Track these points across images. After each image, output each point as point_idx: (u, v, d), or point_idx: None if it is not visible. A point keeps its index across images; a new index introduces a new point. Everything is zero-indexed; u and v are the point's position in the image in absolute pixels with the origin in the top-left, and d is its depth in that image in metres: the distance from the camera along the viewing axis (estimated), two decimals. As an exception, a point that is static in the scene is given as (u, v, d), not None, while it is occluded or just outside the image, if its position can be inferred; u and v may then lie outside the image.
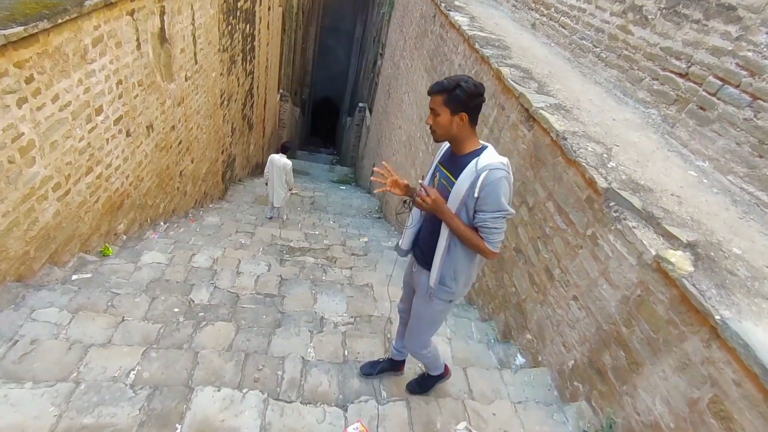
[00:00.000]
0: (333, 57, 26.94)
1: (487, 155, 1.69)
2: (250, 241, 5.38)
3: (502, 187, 1.65)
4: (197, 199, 7.04)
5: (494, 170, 1.64)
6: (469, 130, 1.72)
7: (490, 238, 1.72)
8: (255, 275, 3.87)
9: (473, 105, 1.67)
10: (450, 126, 1.71)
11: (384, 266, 4.96)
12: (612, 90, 4.15)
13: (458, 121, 1.68)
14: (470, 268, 1.91)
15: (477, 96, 1.67)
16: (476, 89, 1.66)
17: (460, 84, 1.65)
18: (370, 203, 10.51)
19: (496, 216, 1.68)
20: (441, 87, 1.69)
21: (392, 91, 10.81)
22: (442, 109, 1.70)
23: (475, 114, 1.72)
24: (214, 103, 7.26)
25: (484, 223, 1.70)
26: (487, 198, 1.66)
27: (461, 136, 1.73)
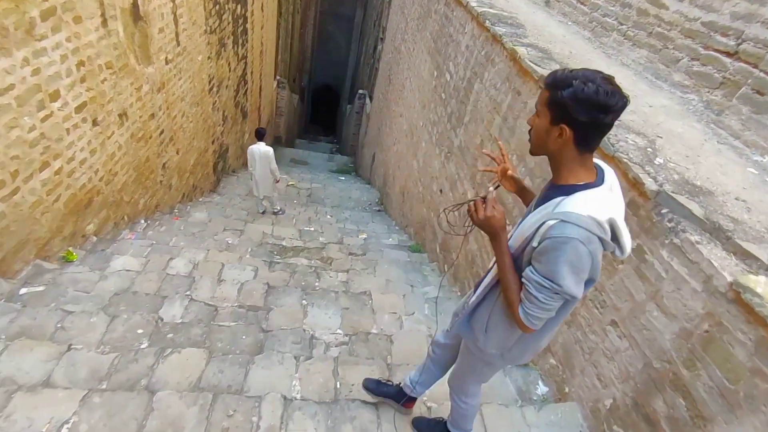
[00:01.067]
0: (333, 43, 26.29)
1: (579, 200, 1.18)
2: (238, 240, 4.93)
3: (567, 254, 1.15)
4: (185, 192, 6.59)
5: (567, 226, 1.14)
6: (572, 154, 1.20)
7: (526, 305, 1.28)
8: (239, 283, 3.44)
9: (585, 120, 1.13)
10: (545, 137, 1.22)
11: (384, 268, 4.52)
12: (642, 72, 3.66)
13: (556, 134, 1.18)
14: (509, 329, 1.45)
15: (594, 108, 1.11)
16: (597, 98, 1.09)
17: (572, 82, 1.12)
18: (370, 195, 10.05)
19: (543, 284, 1.21)
20: (550, 79, 1.20)
21: (393, 77, 10.27)
22: (543, 111, 1.21)
23: (586, 134, 1.17)
24: (201, 90, 6.76)
25: (527, 283, 1.26)
26: (542, 256, 1.20)
27: (559, 158, 1.24)
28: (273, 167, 6.16)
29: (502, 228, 1.34)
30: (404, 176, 7.35)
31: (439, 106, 5.75)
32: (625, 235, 1.22)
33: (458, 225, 1.62)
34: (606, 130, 1.17)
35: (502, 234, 1.34)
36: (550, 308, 1.24)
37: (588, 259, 1.16)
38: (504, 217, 1.35)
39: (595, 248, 1.16)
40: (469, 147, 4.38)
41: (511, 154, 3.42)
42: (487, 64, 4.22)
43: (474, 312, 1.53)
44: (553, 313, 1.27)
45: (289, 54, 18.62)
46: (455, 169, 4.74)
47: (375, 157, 11.29)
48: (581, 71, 1.14)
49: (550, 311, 1.26)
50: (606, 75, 1.12)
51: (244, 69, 9.83)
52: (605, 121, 1.13)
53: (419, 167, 6.39)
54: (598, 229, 1.15)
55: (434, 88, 6.13)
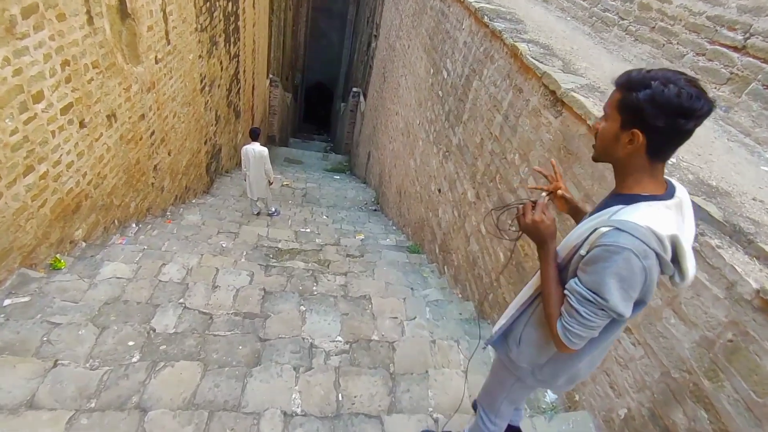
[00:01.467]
0: (326, 40, 26.12)
1: (640, 210, 1.07)
2: (233, 243, 4.81)
3: (617, 266, 1.03)
4: (177, 194, 6.44)
5: (622, 234, 1.03)
6: (641, 162, 1.09)
7: (566, 319, 1.15)
8: (234, 289, 3.32)
9: (663, 126, 1.01)
10: (612, 143, 1.11)
11: (383, 271, 4.42)
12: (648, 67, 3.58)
13: (626, 140, 1.08)
14: (542, 345, 1.36)
15: (676, 113, 0.99)
16: (679, 102, 0.98)
17: (650, 84, 1.01)
18: (366, 194, 9.94)
19: (587, 297, 1.09)
20: (624, 79, 1.09)
21: (388, 75, 10.16)
22: (613, 114, 1.11)
23: (662, 141, 1.05)
24: (193, 89, 6.61)
25: (570, 295, 1.14)
26: (589, 267, 1.09)
27: (626, 166, 1.12)
28: (267, 168, 6.04)
29: (551, 236, 1.24)
30: (401, 175, 7.25)
31: (436, 104, 5.65)
32: (689, 260, 1.09)
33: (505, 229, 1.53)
34: (685, 137, 1.04)
35: (550, 242, 1.23)
36: (593, 326, 1.12)
37: (641, 276, 1.03)
38: (554, 224, 1.25)
39: (651, 265, 1.02)
40: (469, 146, 4.29)
41: (513, 153, 3.33)
42: (486, 60, 4.13)
43: (508, 322, 1.45)
44: (595, 333, 1.14)
45: (282, 52, 18.45)
46: (454, 169, 4.64)
47: (370, 156, 11.18)
48: (661, 71, 1.03)
49: (591, 329, 1.13)
50: (690, 77, 1.01)
51: (236, 68, 9.68)
52: (686, 128, 1.01)
53: (416, 166, 6.30)
54: (656, 244, 1.02)
55: (431, 86, 6.03)
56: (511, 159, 3.35)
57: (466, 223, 4.13)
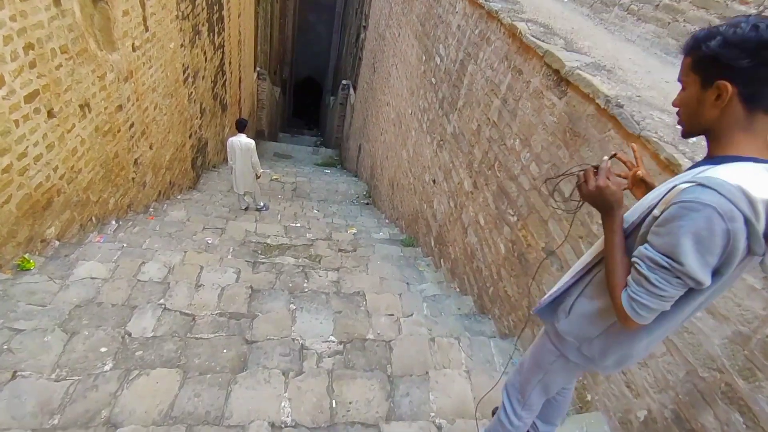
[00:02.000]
0: (314, 33, 25.76)
1: (732, 168, 0.92)
2: (219, 239, 4.58)
3: (696, 225, 0.88)
4: (161, 190, 6.19)
5: (705, 191, 0.88)
6: (736, 116, 0.94)
7: (633, 288, 1.01)
8: (219, 288, 3.11)
9: (751, 65, 0.89)
10: (697, 108, 0.98)
11: (376, 265, 4.23)
12: (650, 48, 3.42)
13: (713, 97, 0.94)
14: (594, 317, 1.23)
15: (759, 47, 0.87)
16: (759, 33, 0.87)
17: (719, 30, 0.92)
18: (357, 188, 9.73)
19: (658, 261, 0.95)
20: (690, 41, 0.98)
21: (378, 65, 9.93)
22: (690, 79, 0.99)
23: (756, 83, 0.91)
24: (175, 80, 6.34)
25: (638, 261, 1.00)
26: (662, 228, 0.95)
27: (719, 127, 0.97)
28: (254, 161, 5.80)
29: (618, 202, 1.10)
30: (393, 167, 7.05)
31: (429, 91, 5.45)
32: None
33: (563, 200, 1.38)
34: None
35: (617, 209, 1.10)
36: (665, 295, 0.97)
37: (722, 239, 0.88)
38: (621, 189, 1.12)
39: (737, 229, 0.87)
40: (465, 133, 4.10)
41: (513, 138, 3.15)
42: (481, 43, 3.93)
43: (560, 291, 1.33)
44: (667, 305, 0.99)
45: (269, 45, 18.10)
46: (449, 158, 4.46)
47: (361, 149, 10.96)
48: (725, 24, 0.92)
49: (663, 300, 0.98)
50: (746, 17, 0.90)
51: (221, 59, 9.38)
52: None
53: (409, 157, 6.10)
54: (746, 206, 0.86)
55: (423, 74, 5.82)
56: (511, 145, 3.17)
57: (463, 214, 3.95)
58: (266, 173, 9.54)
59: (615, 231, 1.09)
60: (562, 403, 1.80)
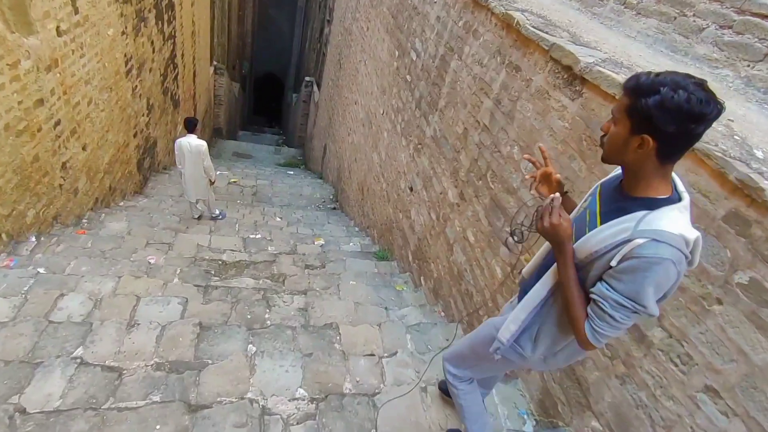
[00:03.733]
0: (276, 28, 24.91)
1: (668, 217, 1.06)
2: (165, 258, 3.93)
3: (657, 275, 1.04)
4: (98, 197, 5.41)
5: (661, 246, 1.03)
6: (652, 166, 1.08)
7: (596, 323, 1.16)
8: (159, 326, 2.51)
9: (673, 132, 1.00)
10: (622, 147, 1.10)
11: (349, 286, 3.73)
12: (653, 45, 3.08)
13: (636, 145, 1.07)
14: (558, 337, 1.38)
15: (686, 118, 0.97)
16: (689, 107, 0.95)
17: (659, 89, 0.98)
18: (324, 191, 9.17)
19: (622, 303, 1.10)
20: (632, 84, 1.05)
21: (344, 62, 9.39)
22: (622, 118, 1.09)
23: (672, 146, 1.05)
24: (115, 72, 5.57)
25: (602, 301, 1.13)
26: (625, 276, 1.08)
27: (636, 169, 1.12)
28: (207, 165, 5.14)
29: (569, 237, 1.21)
30: (363, 170, 6.55)
31: (403, 90, 4.98)
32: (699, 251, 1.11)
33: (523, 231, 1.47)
34: (695, 141, 1.05)
35: (568, 244, 1.21)
36: (624, 327, 1.15)
37: (674, 280, 1.07)
38: (570, 225, 1.23)
39: (683, 268, 1.06)
40: (448, 137, 3.66)
41: (510, 145, 2.73)
42: (467, 36, 3.50)
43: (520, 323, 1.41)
44: (623, 332, 1.19)
45: (227, 38, 17.17)
46: (429, 163, 4.01)
47: (327, 149, 10.39)
48: (669, 76, 1.01)
49: (621, 330, 1.16)
50: (698, 79, 0.99)
51: (172, 50, 8.57)
52: (696, 132, 1.01)
53: (381, 161, 5.62)
54: (687, 250, 1.06)
55: (396, 70, 5.35)
56: (508, 153, 2.75)
57: (447, 228, 3.51)
58: (224, 176, 8.81)
59: (568, 264, 1.20)
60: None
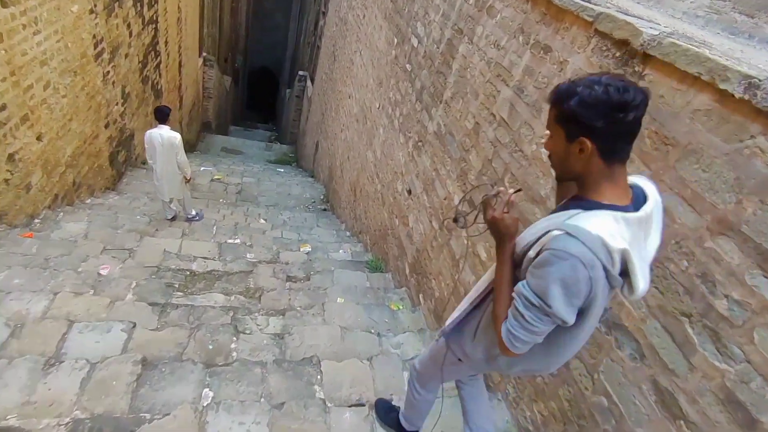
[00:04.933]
0: (270, 22, 24.31)
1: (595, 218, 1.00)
2: (121, 267, 3.36)
3: (563, 272, 0.98)
4: (58, 193, 4.82)
5: (571, 240, 0.98)
6: (598, 167, 1.02)
7: (510, 322, 1.08)
8: (88, 365, 1.96)
9: (603, 126, 0.97)
10: (565, 157, 1.05)
11: (336, 306, 3.19)
12: (707, 27, 2.57)
13: (576, 150, 1.02)
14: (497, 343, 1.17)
15: (609, 109, 0.95)
16: (608, 98, 0.94)
17: (576, 90, 0.98)
18: (314, 191, 8.61)
19: (532, 301, 1.03)
20: (554, 95, 1.04)
21: (339, 53, 8.83)
22: (555, 130, 1.06)
23: (610, 141, 1.00)
24: (81, 54, 4.98)
25: (516, 298, 1.07)
26: (537, 270, 1.03)
27: (587, 176, 1.05)
28: (181, 160, 4.57)
29: (510, 236, 1.15)
30: (356, 170, 6.01)
31: (402, 81, 4.45)
32: (641, 274, 1.02)
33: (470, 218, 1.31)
34: (633, 130, 1.00)
35: (507, 242, 1.15)
36: (537, 331, 1.06)
37: (585, 286, 0.99)
38: (516, 223, 1.16)
39: (597, 276, 0.98)
40: (455, 133, 3.13)
41: (539, 143, 2.20)
42: (479, 15, 2.97)
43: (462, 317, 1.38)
44: (539, 339, 1.09)
45: (218, 29, 16.53)
46: (431, 164, 3.48)
47: (318, 146, 9.83)
48: (584, 78, 1.00)
49: (535, 335, 1.07)
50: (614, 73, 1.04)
51: (153, 36, 7.96)
52: (627, 121, 0.96)
53: (376, 159, 5.08)
54: (604, 256, 0.98)
55: (394, 59, 4.82)
56: (533, 153, 2.22)
57: (452, 240, 2.98)
58: (207, 172, 8.23)
59: (504, 262, 1.15)
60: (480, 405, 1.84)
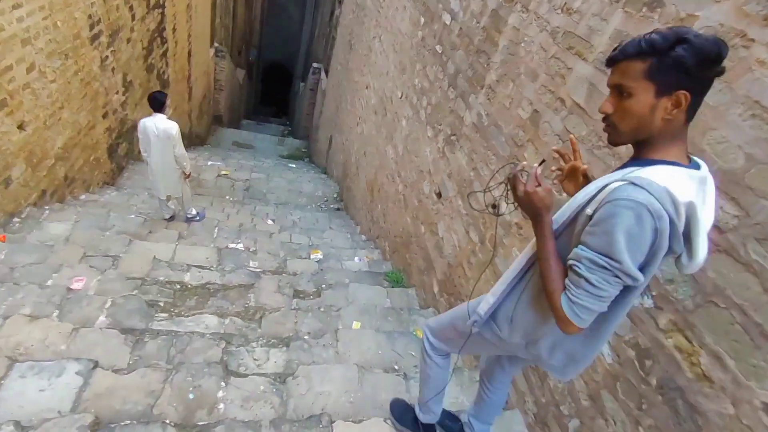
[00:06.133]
0: (285, 15, 23.86)
1: (660, 171, 0.91)
2: (99, 280, 2.84)
3: (629, 222, 0.87)
4: (46, 189, 4.35)
5: (636, 189, 0.88)
6: (676, 128, 0.93)
7: (572, 291, 0.96)
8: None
9: (707, 78, 0.88)
10: (651, 117, 0.92)
11: (352, 335, 2.62)
12: None
13: (670, 106, 0.90)
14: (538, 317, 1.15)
15: (715, 61, 0.85)
16: (717, 47, 0.84)
17: (686, 37, 0.85)
18: (326, 188, 8.06)
19: (597, 261, 0.91)
20: (646, 44, 0.89)
21: (355, 42, 8.25)
22: (641, 86, 0.90)
23: (701, 96, 0.90)
24: (74, 35, 4.50)
25: (576, 263, 0.95)
26: (598, 228, 0.92)
27: (656, 135, 0.94)
28: (179, 153, 4.05)
29: (547, 208, 1.06)
30: (373, 167, 5.44)
31: (431, 65, 3.85)
32: (703, 238, 0.93)
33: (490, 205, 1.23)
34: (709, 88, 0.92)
35: (545, 215, 1.06)
36: (604, 295, 0.94)
37: (651, 237, 0.88)
38: (551, 194, 1.06)
39: (663, 228, 0.87)
40: (502, 124, 2.54)
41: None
42: (537, -24, 2.36)
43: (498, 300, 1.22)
44: (605, 304, 0.96)
45: (232, 20, 16.08)
46: (468, 162, 2.89)
47: (332, 141, 9.28)
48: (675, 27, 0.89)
49: (603, 299, 0.95)
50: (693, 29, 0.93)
51: (160, 22, 7.48)
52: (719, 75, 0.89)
53: (397, 156, 4.50)
54: (671, 207, 0.88)
55: (421, 41, 4.22)
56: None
57: (499, 259, 2.39)
58: (215, 167, 7.73)
59: (545, 236, 1.06)
60: (496, 402, 1.70)
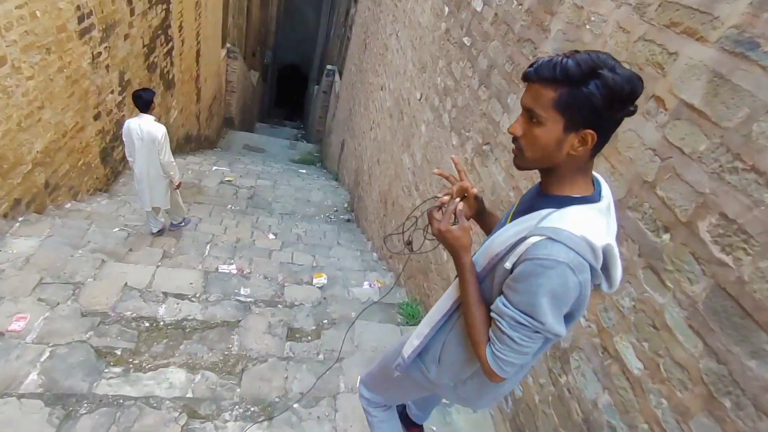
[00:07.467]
0: (300, 16, 23.62)
1: (573, 216, 0.89)
2: (47, 317, 2.31)
3: (552, 283, 0.85)
4: (22, 197, 3.88)
5: (556, 246, 0.84)
6: (581, 162, 0.90)
7: (497, 347, 0.94)
8: None
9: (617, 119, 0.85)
10: (556, 149, 0.88)
11: (356, 398, 2.05)
12: None
13: (577, 143, 0.87)
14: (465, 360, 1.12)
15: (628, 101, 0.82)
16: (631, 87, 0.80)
17: (600, 73, 0.80)
18: (337, 197, 7.51)
19: (519, 320, 0.89)
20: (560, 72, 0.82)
21: (370, 41, 7.72)
22: (551, 116, 0.85)
23: (608, 135, 0.87)
24: (58, 27, 4.04)
25: (499, 319, 0.93)
26: (519, 285, 0.89)
27: (564, 168, 0.92)
28: (165, 160, 3.54)
29: (464, 248, 1.02)
30: (387, 176, 4.87)
31: (457, 60, 3.27)
32: (618, 267, 0.95)
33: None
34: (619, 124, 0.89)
35: (464, 255, 1.02)
36: (527, 351, 0.94)
37: (575, 292, 0.88)
38: (469, 234, 1.03)
39: (586, 279, 0.88)
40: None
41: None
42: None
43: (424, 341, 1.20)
44: (529, 358, 0.97)
45: (246, 20, 15.73)
46: (506, 179, 2.30)
47: (344, 146, 8.75)
48: (594, 54, 0.82)
49: (526, 355, 0.95)
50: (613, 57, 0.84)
51: (164, 19, 7.05)
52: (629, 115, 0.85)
53: (415, 166, 3.92)
54: (590, 255, 0.87)
55: (445, 34, 3.65)
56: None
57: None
58: (219, 172, 7.25)
59: (466, 279, 1.02)
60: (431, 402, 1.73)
